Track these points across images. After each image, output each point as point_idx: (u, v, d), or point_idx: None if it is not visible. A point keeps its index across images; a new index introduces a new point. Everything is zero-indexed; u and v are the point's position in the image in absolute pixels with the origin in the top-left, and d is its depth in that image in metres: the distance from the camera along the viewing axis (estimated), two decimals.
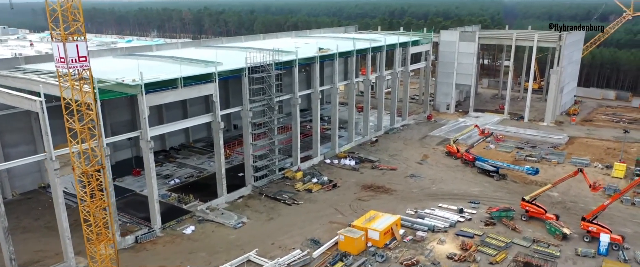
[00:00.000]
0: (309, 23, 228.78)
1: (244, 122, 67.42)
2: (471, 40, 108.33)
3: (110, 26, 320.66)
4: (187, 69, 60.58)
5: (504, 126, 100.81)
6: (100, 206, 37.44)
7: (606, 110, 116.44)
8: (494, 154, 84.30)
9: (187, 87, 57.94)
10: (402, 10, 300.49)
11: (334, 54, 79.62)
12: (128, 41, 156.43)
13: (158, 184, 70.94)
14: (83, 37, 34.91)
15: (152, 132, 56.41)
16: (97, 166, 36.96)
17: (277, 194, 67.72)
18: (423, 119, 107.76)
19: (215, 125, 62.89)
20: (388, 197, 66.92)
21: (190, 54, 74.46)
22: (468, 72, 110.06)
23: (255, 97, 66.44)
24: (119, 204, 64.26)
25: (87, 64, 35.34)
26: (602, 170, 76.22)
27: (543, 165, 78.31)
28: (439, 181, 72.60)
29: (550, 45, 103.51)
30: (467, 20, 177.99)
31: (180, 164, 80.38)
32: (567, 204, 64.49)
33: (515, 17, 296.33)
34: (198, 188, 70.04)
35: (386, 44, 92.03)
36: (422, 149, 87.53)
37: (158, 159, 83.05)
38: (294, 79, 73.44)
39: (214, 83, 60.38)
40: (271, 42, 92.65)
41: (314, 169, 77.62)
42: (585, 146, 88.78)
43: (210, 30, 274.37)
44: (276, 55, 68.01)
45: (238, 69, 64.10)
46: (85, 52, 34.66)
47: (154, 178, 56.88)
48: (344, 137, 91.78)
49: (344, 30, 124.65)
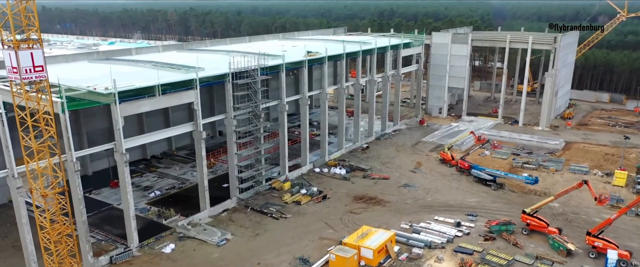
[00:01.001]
0: (297, 24, 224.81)
1: (227, 130, 63.50)
2: (464, 42, 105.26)
3: (94, 27, 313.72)
4: (166, 76, 56.69)
5: (498, 131, 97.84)
6: (63, 232, 33.36)
7: (601, 114, 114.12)
8: (489, 161, 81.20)
9: (166, 94, 53.89)
10: (391, 11, 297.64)
11: (323, 58, 76.00)
12: (111, 43, 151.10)
13: (137, 197, 67.32)
14: (39, 43, 30.65)
15: (128, 143, 52.37)
16: (59, 188, 32.87)
17: (263, 207, 63.87)
18: (415, 123, 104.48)
19: (196, 135, 58.95)
20: (381, 209, 63.37)
21: (172, 59, 70.45)
22: (461, 75, 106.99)
23: (240, 104, 62.55)
24: (93, 220, 60.32)
25: (44, 75, 31.15)
26: (602, 178, 73.38)
27: (541, 173, 75.31)
28: (433, 190, 69.21)
29: (545, 47, 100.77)
30: (458, 21, 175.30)
31: (162, 174, 76.17)
32: (569, 215, 61.41)
33: (504, 17, 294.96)
34: (180, 201, 66.01)
35: (377, 47, 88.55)
36: (415, 156, 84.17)
37: (138, 168, 79.04)
38: (281, 84, 69.65)
39: (195, 90, 56.41)
40: (257, 45, 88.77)
41: (303, 179, 73.89)
42: (583, 151, 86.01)
43: (196, 31, 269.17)
44: (262, 59, 64.19)
45: (221, 74, 60.14)
46: (41, 60, 30.50)
47: (130, 193, 52.83)
48: (334, 143, 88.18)
49: (333, 32, 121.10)
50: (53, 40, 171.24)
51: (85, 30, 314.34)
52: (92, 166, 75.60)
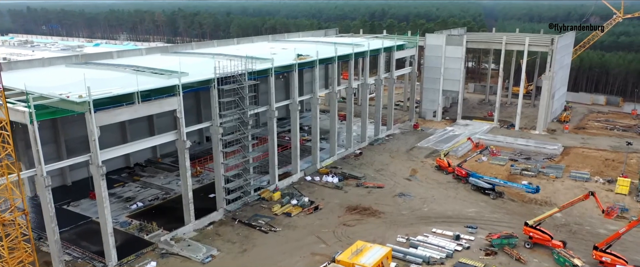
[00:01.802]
0: (287, 25, 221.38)
1: (213, 139, 60.02)
2: (458, 44, 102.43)
3: (81, 28, 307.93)
4: (147, 81, 53.11)
5: (494, 135, 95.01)
6: (25, 260, 29.81)
7: (598, 117, 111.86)
8: (486, 167, 78.39)
9: (147, 102, 50.40)
10: (382, 12, 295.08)
11: (314, 61, 72.72)
12: (96, 45, 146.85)
13: (118, 209, 63.77)
14: None
15: (106, 154, 48.80)
16: (18, 212, 29.30)
17: (252, 220, 60.47)
18: (409, 128, 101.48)
19: (180, 145, 55.43)
20: (376, 221, 60.20)
21: (155, 63, 66.88)
22: (455, 77, 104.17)
23: (227, 110, 59.09)
24: (69, 235, 56.75)
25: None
26: (604, 185, 70.76)
27: (540, 180, 72.62)
28: (430, 200, 66.17)
29: (542, 49, 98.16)
30: (451, 22, 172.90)
31: (145, 184, 72.47)
32: (572, 226, 58.62)
33: (495, 18, 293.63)
34: (163, 213, 62.47)
35: (370, 49, 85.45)
36: (409, 162, 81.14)
37: (121, 177, 75.34)
38: (270, 89, 66.30)
39: (178, 97, 52.94)
40: (246, 48, 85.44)
41: (294, 188, 70.59)
42: (582, 157, 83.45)
43: (185, 32, 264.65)
44: (249, 63, 60.75)
45: (205, 80, 56.65)
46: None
47: (107, 208, 49.17)
48: (326, 149, 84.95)
49: (324, 34, 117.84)
50: (37, 42, 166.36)
51: (72, 31, 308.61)
52: (72, 175, 71.77)
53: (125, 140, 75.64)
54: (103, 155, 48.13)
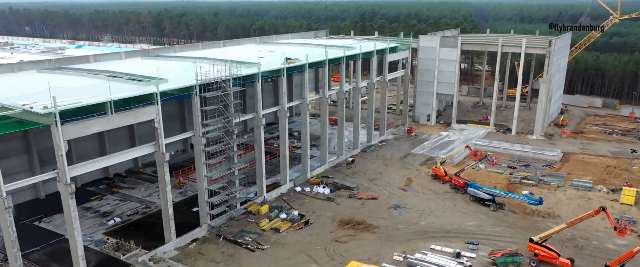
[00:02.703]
0: (276, 26, 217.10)
1: (196, 150, 55.87)
2: (453, 46, 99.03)
3: (65, 30, 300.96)
4: (122, 89, 49.04)
5: (490, 141, 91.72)
6: None
7: (595, 120, 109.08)
8: (484, 175, 74.97)
9: (121, 112, 46.26)
10: (372, 12, 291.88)
11: (303, 65, 68.83)
12: (78, 47, 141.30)
13: (94, 225, 59.55)
14: None
15: (75, 170, 44.63)
16: None
17: (238, 236, 56.43)
18: (402, 133, 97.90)
19: (159, 158, 51.29)
20: (370, 236, 56.40)
21: (134, 68, 62.61)
22: (450, 80, 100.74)
23: (210, 119, 54.99)
24: (39, 256, 52.61)
25: None
26: (608, 194, 67.57)
27: (541, 189, 69.35)
28: (427, 212, 62.52)
29: (539, 51, 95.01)
30: (443, 23, 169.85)
31: (125, 197, 68.08)
32: (579, 241, 55.24)
33: (486, 18, 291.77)
34: (143, 229, 58.32)
35: (362, 52, 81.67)
36: (404, 170, 77.49)
37: (98, 189, 70.90)
38: (257, 96, 62.26)
39: (156, 106, 48.78)
40: (232, 51, 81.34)
41: (283, 200, 66.62)
42: (583, 163, 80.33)
43: (171, 33, 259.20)
44: (234, 68, 56.65)
45: (186, 87, 52.50)
46: None
47: (77, 229, 45.08)
48: (316, 157, 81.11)
49: (314, 35, 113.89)
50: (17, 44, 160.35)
51: (57, 32, 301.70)
52: (45, 187, 67.09)
53: (103, 148, 71.51)
54: (72, 171, 43.97)
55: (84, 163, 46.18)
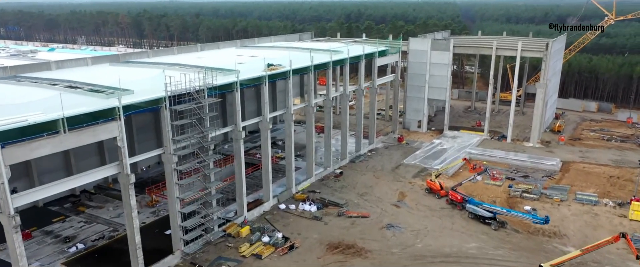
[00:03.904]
0: (259, 28, 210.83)
1: (166, 169, 49.89)
2: (445, 49, 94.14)
3: (41, 31, 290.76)
4: (82, 102, 42.99)
5: (484, 149, 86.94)
6: None
7: (591, 125, 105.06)
8: (481, 187, 70.09)
9: (76, 130, 40.18)
10: (358, 13, 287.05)
11: (286, 72, 63.18)
12: (51, 50, 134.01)
13: (53, 253, 53.24)
14: None
15: (21, 199, 38.45)
16: None
17: (215, 264, 50.67)
18: (393, 141, 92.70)
19: (123, 180, 45.31)
20: (362, 263, 50.97)
21: (99, 75, 56.43)
22: (441, 85, 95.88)
23: (182, 135, 49.10)
24: None
25: None
26: (615, 209, 63.04)
27: (544, 204, 64.64)
28: (423, 233, 57.27)
29: (536, 54, 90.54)
30: (431, 24, 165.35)
31: (91, 218, 61.76)
32: (590, 265, 50.41)
33: (472, 19, 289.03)
34: (109, 257, 52.27)
35: (350, 57, 76.26)
36: (396, 183, 72.25)
37: (63, 209, 64.51)
38: (236, 107, 56.46)
39: (118, 122, 42.77)
40: (210, 56, 75.49)
41: (265, 220, 60.87)
42: (584, 174, 75.85)
43: (151, 35, 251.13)
44: (209, 76, 50.80)
45: (154, 99, 46.51)
46: None
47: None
48: (302, 169, 75.48)
49: (299, 38, 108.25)
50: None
51: (32, 34, 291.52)
52: None
53: (68, 163, 65.18)
54: (17, 200, 37.82)
55: (27, 192, 39.66)
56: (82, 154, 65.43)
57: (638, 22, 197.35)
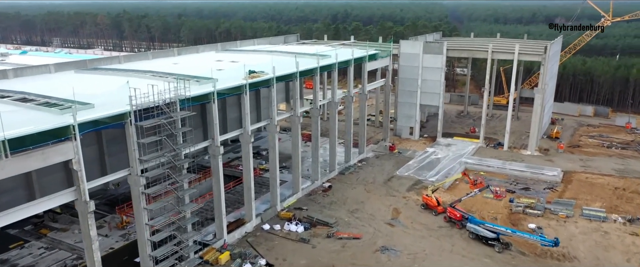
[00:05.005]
0: (244, 29, 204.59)
1: (133, 193, 44.10)
2: (438, 52, 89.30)
3: (17, 33, 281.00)
4: (32, 118, 37.16)
5: (481, 158, 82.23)
6: None
7: (589, 131, 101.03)
8: (480, 202, 65.18)
9: (22, 153, 34.36)
10: (345, 13, 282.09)
11: (269, 80, 57.68)
12: (23, 53, 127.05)
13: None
14: None
15: None
16: None
17: None
18: (384, 150, 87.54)
19: (81, 207, 39.52)
20: None
21: (60, 86, 50.52)
22: (434, 90, 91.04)
23: (150, 154, 43.36)
24: None
25: None
26: (625, 226, 58.50)
27: (549, 220, 59.95)
28: (421, 256, 52.15)
29: (534, 58, 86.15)
30: (421, 25, 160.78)
31: (53, 243, 55.65)
32: None
33: (460, 20, 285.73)
34: None
35: (338, 61, 70.96)
36: (389, 198, 67.10)
37: (23, 231, 58.33)
38: (213, 120, 50.80)
39: (74, 142, 36.95)
40: (187, 61, 69.86)
41: (247, 243, 55.27)
42: (588, 185, 71.41)
43: (131, 36, 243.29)
44: (182, 87, 45.08)
45: (117, 115, 40.67)
46: None
47: None
48: (288, 182, 70.02)
49: (284, 41, 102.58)
50: None
51: (8, 35, 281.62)
52: None
53: (29, 181, 58.75)
54: None
55: None
56: (45, 169, 59.16)
57: (627, 23, 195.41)
